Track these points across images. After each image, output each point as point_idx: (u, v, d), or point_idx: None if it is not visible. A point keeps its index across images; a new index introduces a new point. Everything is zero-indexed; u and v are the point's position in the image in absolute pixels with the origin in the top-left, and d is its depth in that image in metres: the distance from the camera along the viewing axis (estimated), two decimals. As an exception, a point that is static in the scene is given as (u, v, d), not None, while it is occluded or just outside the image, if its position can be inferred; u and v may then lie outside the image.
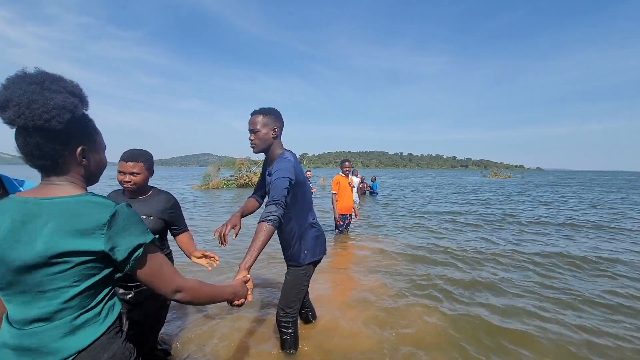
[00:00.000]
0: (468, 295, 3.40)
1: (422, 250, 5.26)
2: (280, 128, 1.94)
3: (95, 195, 0.81)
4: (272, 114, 1.90)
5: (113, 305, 0.86)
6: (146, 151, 1.76)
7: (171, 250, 1.98)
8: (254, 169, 20.15)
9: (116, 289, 1.63)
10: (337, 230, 5.98)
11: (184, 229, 1.93)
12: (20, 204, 0.77)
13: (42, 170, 0.81)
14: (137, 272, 0.83)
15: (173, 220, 1.84)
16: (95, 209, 0.77)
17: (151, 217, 1.73)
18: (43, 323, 0.75)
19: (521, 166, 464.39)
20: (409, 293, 3.42)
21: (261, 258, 4.21)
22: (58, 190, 0.80)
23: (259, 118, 1.88)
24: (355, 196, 6.61)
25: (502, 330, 2.67)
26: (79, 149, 0.82)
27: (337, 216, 5.69)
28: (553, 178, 47.44)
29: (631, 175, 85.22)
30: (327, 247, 2.26)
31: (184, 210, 2.22)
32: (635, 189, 21.58)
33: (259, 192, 2.23)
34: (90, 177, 0.89)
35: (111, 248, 0.77)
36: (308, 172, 10.18)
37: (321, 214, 8.40)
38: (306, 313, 2.57)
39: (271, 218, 1.61)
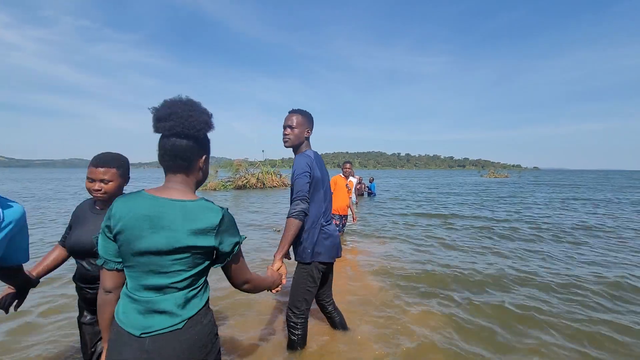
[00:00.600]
0: (471, 296, 3.35)
1: (422, 250, 5.23)
2: (312, 130, 2.12)
3: (207, 200, 1.03)
4: (308, 117, 2.10)
5: (207, 286, 1.09)
6: (120, 155, 1.59)
7: None
8: (252, 171, 20.11)
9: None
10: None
11: None
12: (152, 200, 0.97)
13: (177, 169, 1.02)
14: (229, 263, 1.06)
15: None
16: (210, 213, 0.98)
17: None
18: (161, 293, 0.96)
19: (518, 165, 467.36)
20: (408, 296, 3.38)
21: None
22: (180, 193, 1.01)
23: (298, 116, 2.06)
24: (353, 197, 6.57)
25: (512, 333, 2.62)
26: (204, 157, 1.07)
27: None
28: (567, 176, 47.39)
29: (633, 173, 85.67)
30: None
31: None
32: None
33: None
34: (199, 183, 1.11)
35: (219, 243, 1.00)
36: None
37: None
38: (332, 317, 2.46)
39: (296, 213, 1.85)
